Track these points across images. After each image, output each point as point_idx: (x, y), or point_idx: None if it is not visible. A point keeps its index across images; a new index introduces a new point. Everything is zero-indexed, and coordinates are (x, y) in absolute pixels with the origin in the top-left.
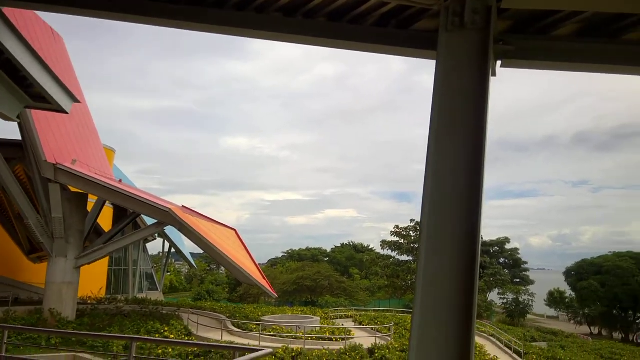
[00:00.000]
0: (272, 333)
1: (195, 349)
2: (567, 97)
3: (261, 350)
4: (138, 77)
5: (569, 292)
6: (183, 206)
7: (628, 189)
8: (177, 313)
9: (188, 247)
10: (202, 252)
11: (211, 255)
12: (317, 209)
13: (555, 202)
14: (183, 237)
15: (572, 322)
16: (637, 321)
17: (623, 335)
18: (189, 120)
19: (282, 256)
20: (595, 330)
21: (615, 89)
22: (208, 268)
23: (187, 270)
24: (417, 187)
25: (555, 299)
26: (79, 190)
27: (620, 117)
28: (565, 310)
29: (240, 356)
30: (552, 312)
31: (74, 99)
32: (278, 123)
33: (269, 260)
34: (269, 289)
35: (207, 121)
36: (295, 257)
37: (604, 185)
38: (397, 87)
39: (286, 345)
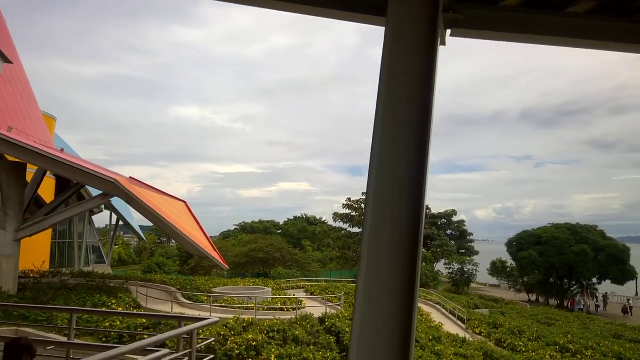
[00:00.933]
0: (223, 304)
1: (145, 321)
2: (515, 73)
3: (209, 319)
4: (82, 41)
5: (510, 262)
6: (130, 177)
7: (568, 164)
8: (125, 286)
9: (137, 219)
10: (151, 224)
11: (160, 227)
12: (271, 182)
13: (500, 177)
14: (132, 209)
15: (512, 290)
16: (572, 289)
17: (558, 302)
18: (136, 88)
19: (235, 229)
20: (533, 297)
21: (559, 67)
22: (158, 241)
23: (136, 243)
24: None
25: (497, 269)
26: (17, 160)
27: (564, 95)
28: (506, 278)
29: (186, 325)
30: (494, 280)
31: (5, 59)
32: (230, 93)
33: (221, 233)
34: (220, 261)
35: (156, 89)
36: (247, 229)
37: (546, 161)
38: (352, 60)
39: (237, 316)
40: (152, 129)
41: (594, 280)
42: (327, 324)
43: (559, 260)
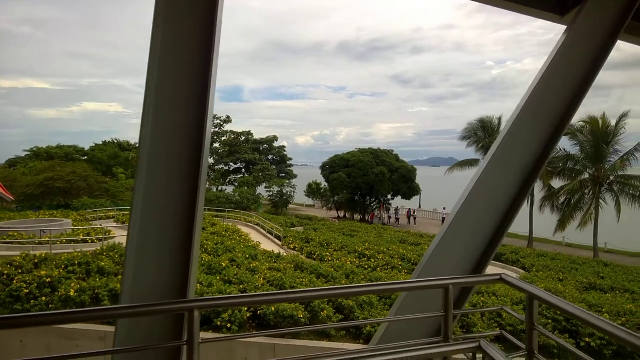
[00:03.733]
0: (7, 240)
1: None
2: (334, 6)
3: None
4: None
5: (324, 184)
6: None
7: (375, 96)
8: None
9: None
10: None
11: None
12: (72, 102)
13: (319, 106)
14: None
15: (324, 208)
16: (372, 205)
17: (361, 217)
18: None
19: (25, 155)
20: (342, 214)
21: (370, 4)
22: None
23: None
24: None
25: (312, 190)
26: None
27: (374, 32)
28: (320, 198)
29: None
30: (310, 201)
31: None
32: None
33: (7, 160)
34: (2, 191)
35: None
36: (42, 156)
37: (358, 92)
38: None
39: (26, 252)
40: None
41: (389, 196)
42: None
43: (363, 180)
